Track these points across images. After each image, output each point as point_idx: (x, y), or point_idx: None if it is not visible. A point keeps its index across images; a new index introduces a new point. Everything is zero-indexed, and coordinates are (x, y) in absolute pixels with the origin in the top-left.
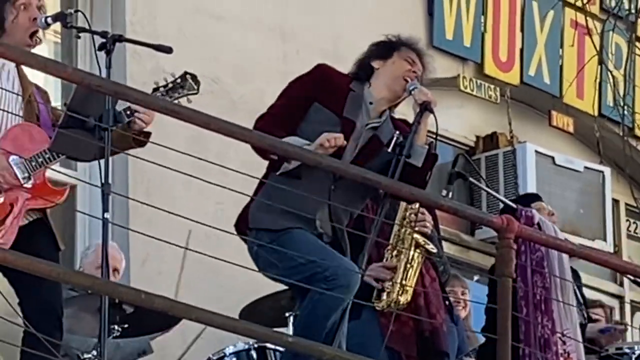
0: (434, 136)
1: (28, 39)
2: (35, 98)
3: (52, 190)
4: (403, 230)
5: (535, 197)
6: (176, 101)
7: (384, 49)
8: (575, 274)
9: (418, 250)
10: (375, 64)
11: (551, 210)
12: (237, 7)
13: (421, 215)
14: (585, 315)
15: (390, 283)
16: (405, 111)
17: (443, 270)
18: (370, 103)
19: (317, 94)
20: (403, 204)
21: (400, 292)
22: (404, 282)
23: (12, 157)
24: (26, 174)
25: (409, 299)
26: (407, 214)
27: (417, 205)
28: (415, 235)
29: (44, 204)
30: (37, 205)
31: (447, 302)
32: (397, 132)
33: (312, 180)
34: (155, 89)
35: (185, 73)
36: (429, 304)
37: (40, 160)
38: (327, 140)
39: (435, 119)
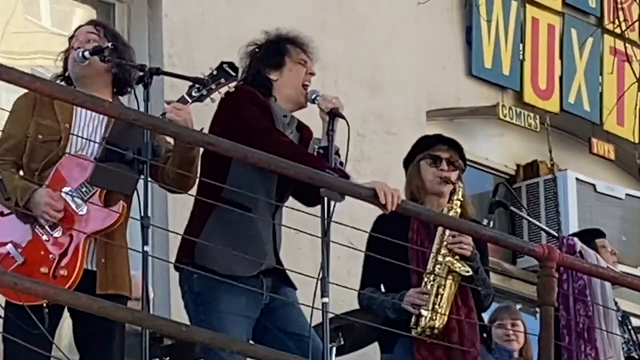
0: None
1: None
2: None
3: (107, 213)
4: (440, 254)
5: (597, 233)
6: (217, 93)
7: (274, 56)
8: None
9: (451, 275)
10: (272, 75)
11: (614, 250)
12: None
13: (458, 237)
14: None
15: (427, 309)
16: None
17: (486, 295)
18: (285, 116)
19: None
20: (440, 228)
21: (435, 317)
22: (436, 307)
23: (63, 188)
24: (79, 202)
25: (444, 322)
26: (445, 237)
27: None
28: (448, 259)
29: (102, 225)
30: (97, 228)
31: (484, 335)
32: (316, 146)
33: (259, 212)
34: (191, 86)
35: (222, 63)
36: (463, 339)
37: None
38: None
39: (347, 123)
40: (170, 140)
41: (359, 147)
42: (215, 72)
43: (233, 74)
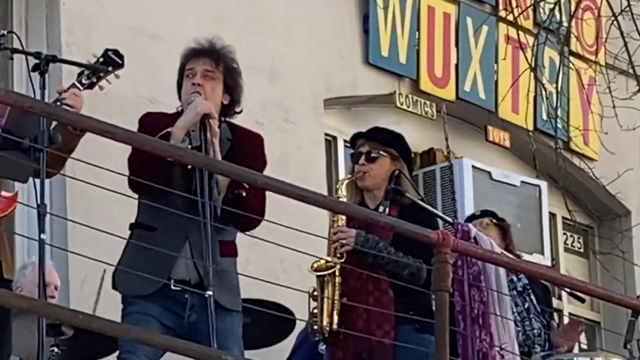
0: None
1: None
2: None
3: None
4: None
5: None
6: (104, 81)
7: (179, 75)
8: (546, 288)
9: (321, 275)
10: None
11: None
12: (174, 27)
13: (336, 234)
14: (545, 323)
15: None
16: None
17: (410, 273)
18: (193, 131)
19: None
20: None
21: (322, 319)
22: (315, 311)
23: None
24: None
25: (334, 321)
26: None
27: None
28: (319, 263)
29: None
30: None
31: (410, 312)
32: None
33: (167, 230)
34: (80, 74)
35: (107, 50)
36: (369, 323)
37: None
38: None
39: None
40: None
41: None
42: (101, 60)
43: (119, 61)
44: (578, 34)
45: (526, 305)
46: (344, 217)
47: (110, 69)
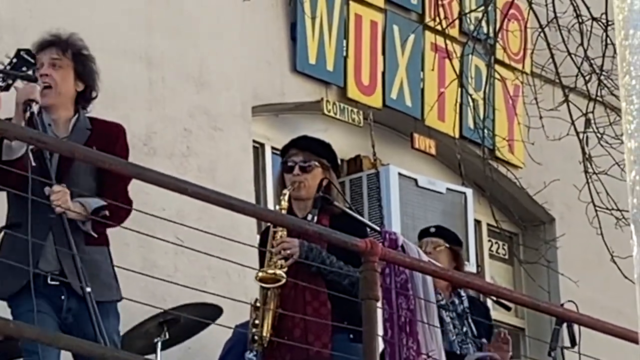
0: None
1: None
2: None
3: None
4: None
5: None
6: (16, 81)
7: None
8: (483, 306)
9: (266, 286)
10: None
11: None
12: (101, 34)
13: (280, 244)
14: (479, 345)
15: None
16: None
17: (350, 283)
18: (49, 124)
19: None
20: (271, 233)
21: (262, 330)
22: (256, 321)
23: None
24: None
25: (268, 333)
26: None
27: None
28: (264, 273)
29: None
30: None
31: (345, 323)
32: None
33: (31, 224)
34: None
35: (19, 50)
36: (307, 333)
37: None
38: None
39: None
40: None
41: (186, 142)
42: (15, 60)
43: (32, 60)
44: (504, 43)
45: (464, 329)
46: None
47: (24, 69)
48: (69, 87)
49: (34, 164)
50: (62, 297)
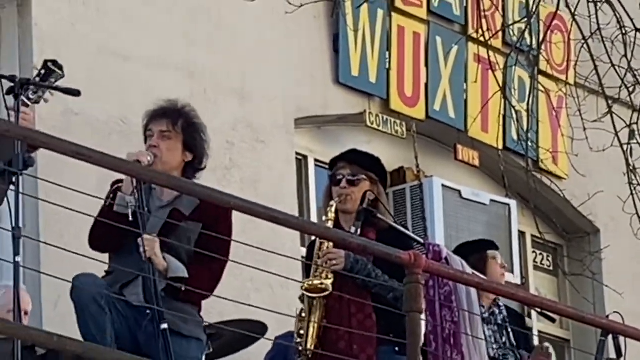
0: None
1: None
2: None
3: None
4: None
5: (490, 245)
6: (48, 93)
7: (144, 136)
8: (518, 315)
9: (312, 296)
10: None
11: (503, 263)
12: (144, 47)
13: (326, 255)
14: (519, 356)
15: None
16: None
17: (394, 297)
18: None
19: None
20: (317, 246)
21: (307, 342)
22: (301, 332)
23: None
24: None
25: (313, 344)
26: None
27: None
28: (311, 283)
29: None
30: None
31: (390, 335)
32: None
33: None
34: (26, 89)
35: (46, 62)
36: (351, 345)
37: None
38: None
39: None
40: None
41: (229, 155)
42: (43, 72)
43: (60, 72)
44: (548, 54)
45: (503, 340)
46: None
47: (52, 80)
48: (176, 158)
49: (131, 218)
50: (148, 311)
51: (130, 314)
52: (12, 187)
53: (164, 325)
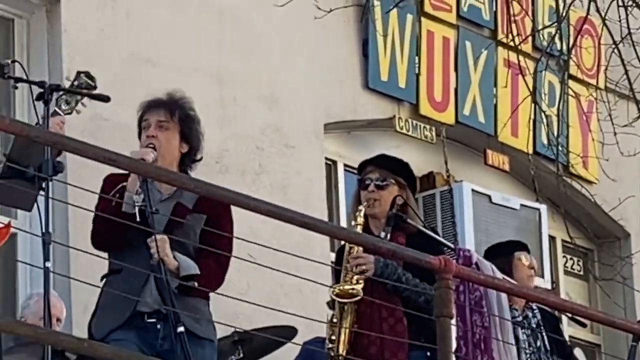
0: None
1: None
2: None
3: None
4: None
5: (518, 245)
6: (80, 105)
7: (138, 127)
8: (554, 317)
9: (343, 301)
10: None
11: (532, 263)
12: (173, 53)
13: (355, 259)
14: None
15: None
16: None
17: (425, 301)
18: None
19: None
20: (346, 250)
21: (337, 346)
22: (333, 337)
23: None
24: None
25: (344, 349)
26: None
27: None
28: (342, 288)
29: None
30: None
31: (422, 340)
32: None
33: (132, 269)
34: (59, 99)
35: (79, 73)
36: (383, 350)
37: None
38: None
39: None
40: None
41: (258, 160)
42: (76, 83)
43: (92, 83)
44: (578, 59)
45: (538, 344)
46: None
47: (85, 91)
48: (173, 149)
49: (138, 219)
50: (159, 326)
51: (142, 342)
52: (42, 192)
53: (181, 328)
